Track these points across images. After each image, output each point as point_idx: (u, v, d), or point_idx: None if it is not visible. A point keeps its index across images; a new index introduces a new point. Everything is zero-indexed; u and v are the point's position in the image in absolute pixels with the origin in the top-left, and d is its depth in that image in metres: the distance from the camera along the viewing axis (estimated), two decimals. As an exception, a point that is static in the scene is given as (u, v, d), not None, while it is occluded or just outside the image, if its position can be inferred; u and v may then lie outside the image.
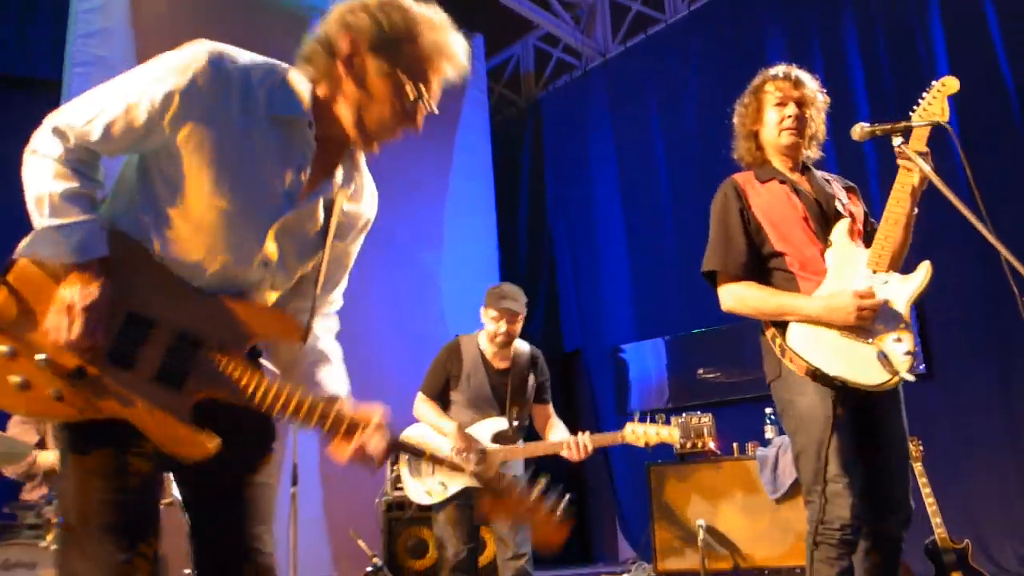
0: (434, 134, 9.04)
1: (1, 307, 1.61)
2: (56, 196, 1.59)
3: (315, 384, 1.90)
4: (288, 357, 1.96)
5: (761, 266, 2.85)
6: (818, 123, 2.97)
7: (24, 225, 1.66)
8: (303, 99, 1.73)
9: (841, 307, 2.62)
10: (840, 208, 2.87)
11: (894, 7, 7.01)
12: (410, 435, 4.17)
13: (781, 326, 2.75)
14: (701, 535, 4.14)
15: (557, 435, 4.12)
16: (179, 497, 1.87)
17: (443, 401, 4.17)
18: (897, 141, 2.70)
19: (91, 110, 1.64)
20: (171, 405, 1.65)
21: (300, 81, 1.76)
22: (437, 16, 1.78)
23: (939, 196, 2.56)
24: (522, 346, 4.30)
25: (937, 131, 2.77)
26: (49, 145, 1.63)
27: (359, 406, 1.81)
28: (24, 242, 1.63)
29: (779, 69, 3.02)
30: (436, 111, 1.84)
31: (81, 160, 1.65)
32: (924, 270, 2.71)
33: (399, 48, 1.72)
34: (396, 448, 1.81)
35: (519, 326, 4.20)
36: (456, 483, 3.94)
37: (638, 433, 4.00)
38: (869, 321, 2.62)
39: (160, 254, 1.69)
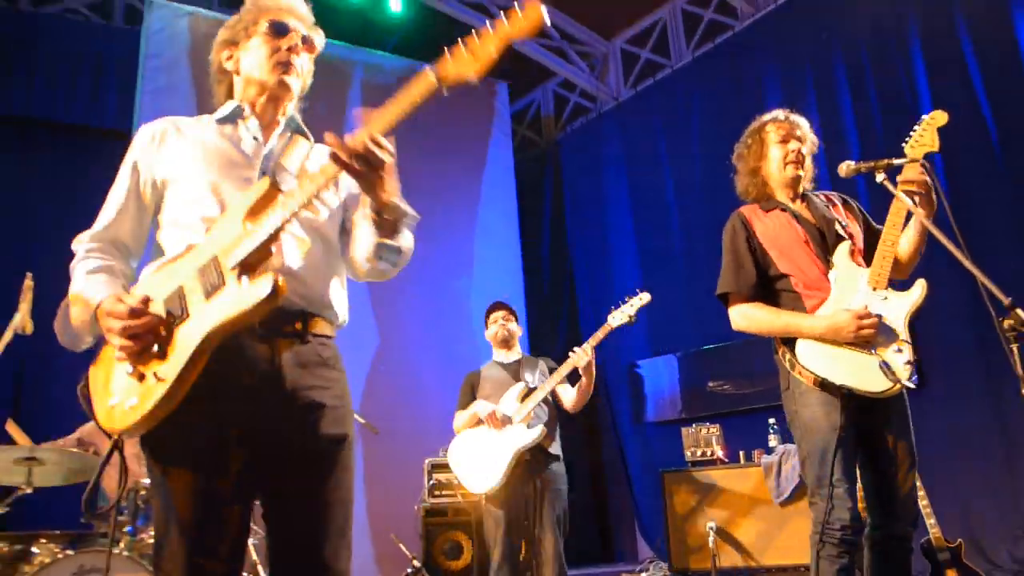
0: (463, 172, 9.13)
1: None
2: (82, 277, 1.82)
3: None
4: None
5: (768, 287, 2.87)
6: (811, 155, 3.04)
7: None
8: (226, 104, 2.03)
9: (843, 326, 2.63)
10: (840, 230, 2.88)
11: (880, 52, 7.01)
12: (461, 446, 4.28)
13: (790, 343, 2.77)
14: (711, 536, 4.12)
15: (568, 392, 4.29)
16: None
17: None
18: (880, 176, 2.72)
19: (105, 205, 1.93)
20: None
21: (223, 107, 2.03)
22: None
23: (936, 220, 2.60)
24: (530, 355, 4.56)
25: (935, 165, 2.79)
26: (75, 256, 1.88)
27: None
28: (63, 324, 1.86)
29: (778, 113, 3.07)
30: (308, 35, 2.04)
31: (100, 250, 1.88)
32: (920, 288, 2.71)
33: (241, 24, 2.06)
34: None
35: (514, 323, 4.51)
36: (502, 460, 4.00)
37: (618, 314, 4.20)
38: (870, 337, 2.63)
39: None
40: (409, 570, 4.69)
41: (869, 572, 2.69)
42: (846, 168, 2.77)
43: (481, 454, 4.15)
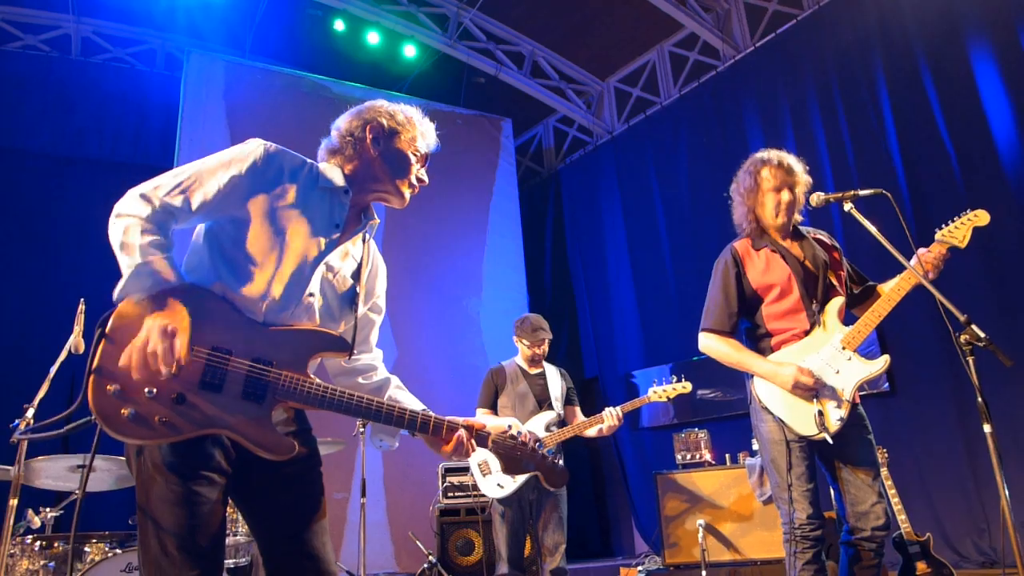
0: (473, 200, 9.21)
1: (105, 355, 1.62)
2: (145, 244, 1.67)
3: (403, 404, 1.97)
4: (368, 387, 2.02)
5: (749, 316, 2.90)
6: (802, 195, 2.97)
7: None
8: (339, 175, 1.98)
9: (783, 378, 2.68)
10: (834, 281, 2.86)
11: (849, 89, 7.07)
12: (472, 457, 4.28)
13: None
14: (701, 532, 4.12)
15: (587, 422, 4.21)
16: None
17: (493, 412, 4.30)
18: (848, 206, 2.75)
19: (174, 184, 1.77)
20: (257, 417, 1.70)
21: (330, 167, 1.99)
22: (412, 108, 2.11)
23: (898, 246, 2.62)
24: (549, 363, 4.49)
25: (899, 194, 2.80)
26: (135, 207, 1.71)
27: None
28: (119, 285, 1.65)
29: (774, 157, 2.97)
30: (425, 180, 2.09)
31: (160, 220, 1.73)
32: (882, 362, 2.72)
33: (408, 130, 2.04)
34: (486, 441, 1.92)
35: (546, 347, 4.42)
36: (521, 476, 4.02)
37: (659, 392, 4.10)
38: (804, 394, 2.67)
39: (230, 295, 1.77)
40: (425, 565, 4.69)
41: (841, 572, 2.71)
42: (816, 199, 2.80)
43: (498, 465, 4.14)
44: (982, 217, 2.69)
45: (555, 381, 4.37)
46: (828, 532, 2.78)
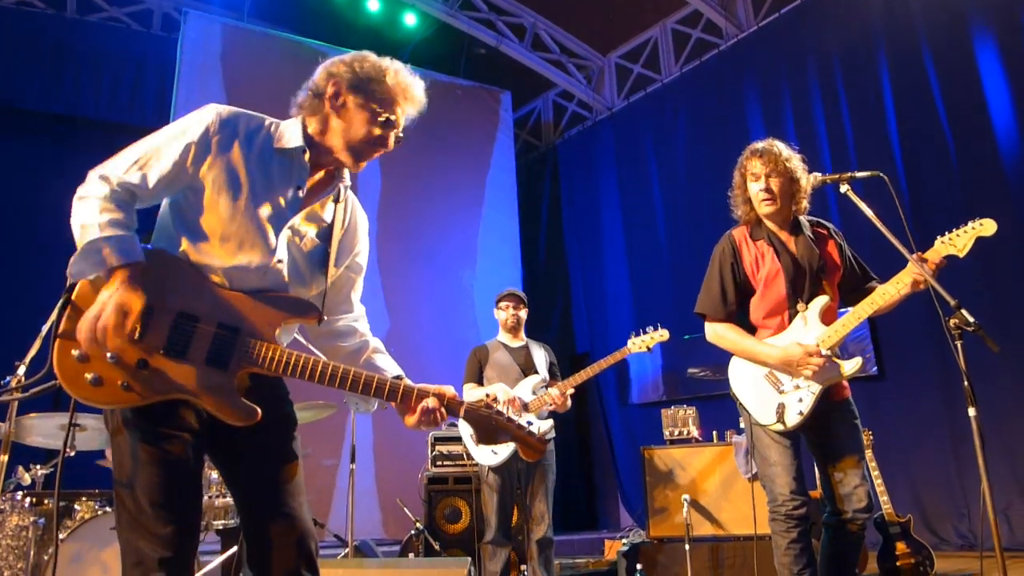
0: (470, 172, 9.16)
1: (70, 320, 1.63)
2: (103, 222, 1.63)
3: (378, 369, 1.97)
4: (346, 352, 2.00)
5: (742, 308, 2.91)
6: (800, 183, 2.84)
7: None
8: (297, 135, 1.87)
9: (794, 358, 2.67)
10: (824, 277, 2.83)
11: (851, 70, 7.03)
12: (464, 427, 4.34)
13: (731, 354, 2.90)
14: (686, 507, 4.16)
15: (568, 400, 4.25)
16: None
17: (480, 385, 4.34)
18: (844, 187, 2.73)
19: (130, 160, 1.73)
20: (221, 383, 1.68)
21: (294, 123, 1.90)
22: (397, 64, 1.93)
23: (891, 230, 2.61)
24: (532, 339, 4.55)
25: (896, 177, 2.78)
26: (95, 188, 1.69)
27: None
28: (72, 259, 1.63)
29: (756, 147, 2.89)
30: (402, 136, 1.94)
31: (122, 199, 1.70)
32: (855, 364, 2.69)
33: (370, 87, 1.86)
34: (457, 410, 1.84)
35: (524, 311, 4.49)
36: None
37: (637, 343, 4.16)
38: (813, 371, 2.66)
39: (196, 262, 1.74)
40: (412, 532, 4.73)
41: (823, 551, 2.74)
42: (814, 179, 2.79)
43: None
44: (988, 227, 2.62)
45: (539, 354, 4.43)
46: (812, 511, 2.79)
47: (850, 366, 2.69)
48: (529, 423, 4.05)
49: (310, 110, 1.90)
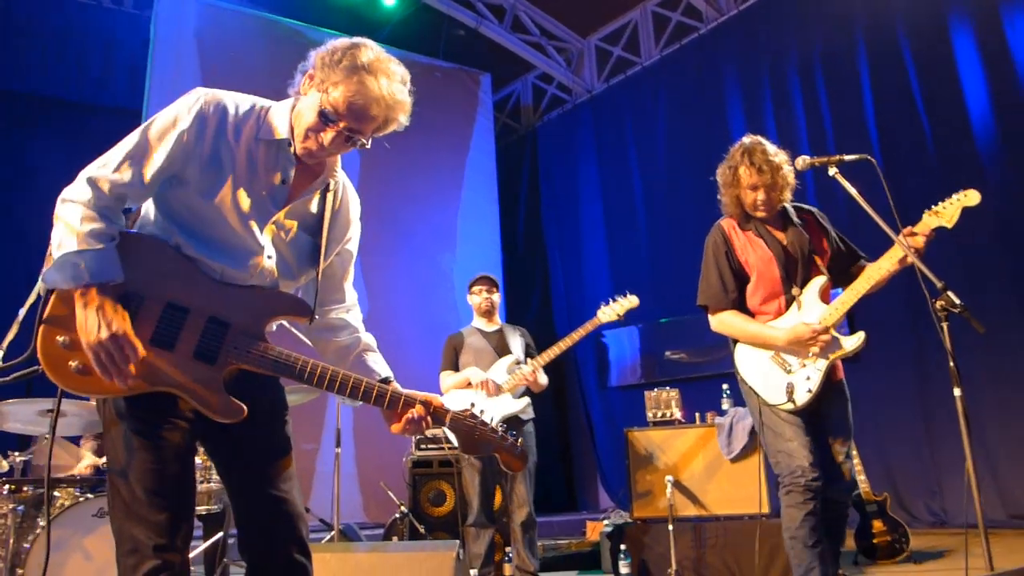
0: (449, 154, 9.10)
1: (55, 308, 1.59)
2: (83, 233, 1.56)
3: (368, 370, 1.91)
4: (336, 348, 1.95)
5: (739, 296, 2.92)
6: (787, 179, 2.86)
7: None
8: (284, 123, 1.76)
9: (802, 336, 2.71)
10: (818, 260, 2.86)
11: (829, 56, 7.07)
12: (452, 404, 4.32)
13: (736, 341, 2.92)
14: (669, 488, 4.20)
15: (543, 377, 4.27)
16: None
17: (456, 371, 4.33)
18: (832, 170, 2.76)
19: (122, 156, 1.65)
20: (207, 378, 1.64)
21: (282, 109, 1.80)
22: (381, 67, 1.71)
23: (868, 215, 2.63)
24: (508, 323, 4.55)
25: (865, 163, 2.80)
26: (80, 193, 1.60)
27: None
28: (47, 267, 1.57)
29: (751, 152, 2.85)
30: (368, 146, 1.79)
31: (107, 207, 1.62)
32: (858, 339, 2.74)
33: (329, 88, 1.70)
34: (443, 418, 1.80)
35: (497, 295, 4.46)
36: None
37: (607, 311, 4.16)
38: (821, 348, 2.71)
39: (186, 253, 1.69)
40: (397, 515, 4.73)
41: None
42: (802, 162, 2.80)
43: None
44: (972, 197, 2.68)
45: (514, 337, 4.42)
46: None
47: (852, 342, 2.74)
48: (497, 421, 4.06)
49: (297, 95, 1.81)
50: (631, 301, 4.18)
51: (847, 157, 2.77)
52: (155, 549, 1.61)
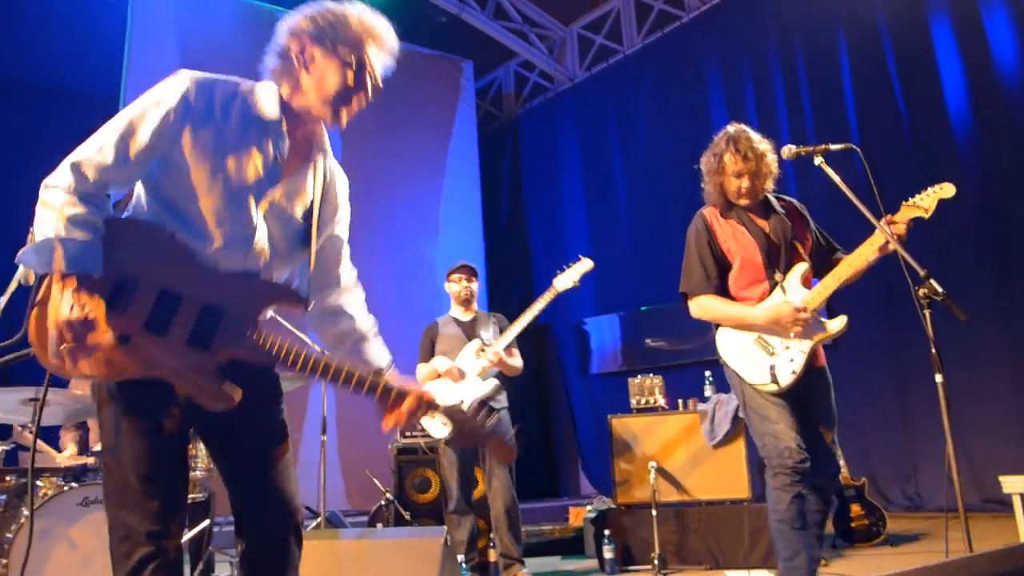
0: (431, 141, 9.06)
1: (47, 290, 1.57)
2: (65, 218, 1.55)
3: (364, 360, 1.91)
4: (333, 335, 1.95)
5: (721, 283, 2.93)
6: (771, 167, 2.88)
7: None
8: (272, 101, 1.77)
9: (784, 315, 2.72)
10: (799, 248, 2.87)
11: (810, 47, 7.11)
12: None
13: (717, 327, 2.92)
14: (652, 474, 4.24)
15: (516, 360, 4.27)
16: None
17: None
18: (818, 160, 2.79)
19: (102, 141, 1.63)
20: (200, 364, 1.63)
21: (268, 88, 1.80)
22: (359, 6, 1.81)
23: (849, 203, 2.67)
24: (487, 312, 4.56)
25: (846, 154, 2.84)
26: (63, 178, 1.59)
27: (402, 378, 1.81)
28: (24, 249, 1.58)
29: (736, 140, 2.86)
30: (380, 83, 1.82)
31: (89, 192, 1.60)
32: (840, 322, 2.76)
33: (335, 33, 1.75)
34: (431, 409, 1.78)
35: (475, 284, 4.46)
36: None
37: (563, 280, 4.16)
38: (802, 327, 2.71)
39: (180, 239, 1.67)
40: (382, 502, 4.74)
41: None
42: (788, 151, 2.82)
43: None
44: (947, 190, 2.72)
45: (487, 324, 4.41)
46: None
47: (835, 324, 2.76)
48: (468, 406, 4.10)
49: (281, 73, 1.79)
50: (585, 264, 4.19)
51: (832, 146, 2.80)
52: (148, 536, 1.61)
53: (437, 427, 4.19)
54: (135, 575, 1.60)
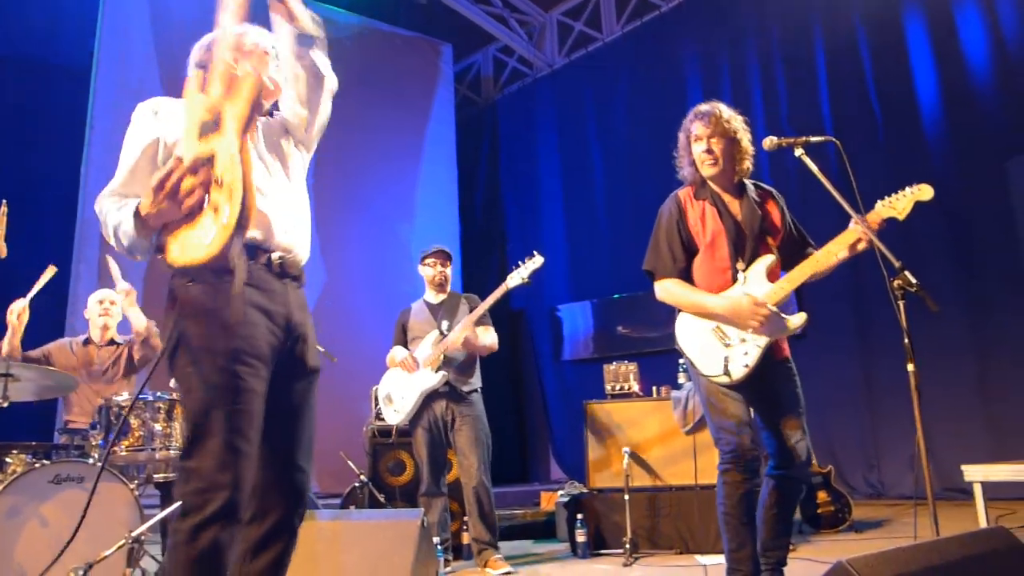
0: (409, 124, 8.99)
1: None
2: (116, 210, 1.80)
3: None
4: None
5: (688, 268, 2.91)
6: (743, 144, 2.85)
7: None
8: None
9: (743, 308, 2.68)
10: (770, 239, 2.84)
11: (787, 40, 7.18)
12: (386, 380, 4.38)
13: (679, 311, 2.88)
14: (625, 459, 4.28)
15: (487, 337, 4.29)
16: None
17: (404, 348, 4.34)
18: (798, 151, 2.80)
19: (119, 179, 1.86)
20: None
21: None
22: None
23: (821, 196, 2.70)
24: (461, 293, 4.54)
25: (822, 145, 2.87)
26: (105, 204, 1.83)
27: None
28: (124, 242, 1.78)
29: (700, 109, 2.87)
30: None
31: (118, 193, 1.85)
32: (800, 319, 2.72)
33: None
34: None
35: (449, 268, 4.45)
36: (409, 399, 4.17)
37: (515, 277, 4.17)
38: (760, 322, 2.67)
39: None
40: (356, 484, 4.72)
41: (764, 501, 2.81)
42: (769, 143, 2.81)
43: (397, 392, 4.25)
44: (925, 192, 2.70)
45: (460, 306, 4.38)
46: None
47: (796, 320, 2.73)
48: (415, 398, 4.17)
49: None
50: (536, 262, 4.19)
51: (813, 139, 2.80)
52: (221, 487, 1.64)
53: (389, 414, 4.28)
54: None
